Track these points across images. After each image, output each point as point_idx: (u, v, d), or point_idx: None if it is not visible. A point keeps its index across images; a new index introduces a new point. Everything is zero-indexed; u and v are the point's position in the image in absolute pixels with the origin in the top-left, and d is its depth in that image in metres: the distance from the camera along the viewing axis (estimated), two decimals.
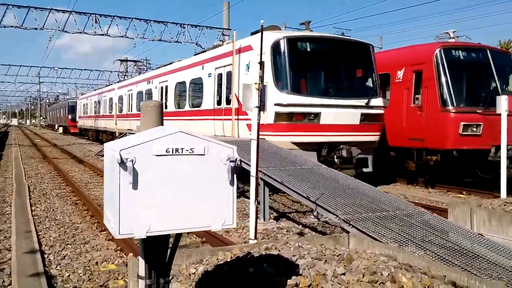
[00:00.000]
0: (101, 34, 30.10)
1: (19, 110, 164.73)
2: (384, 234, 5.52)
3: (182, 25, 31.67)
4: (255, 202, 5.16)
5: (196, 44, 31.28)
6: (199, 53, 17.22)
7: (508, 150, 11.67)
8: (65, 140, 40.55)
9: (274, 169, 8.33)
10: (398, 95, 13.30)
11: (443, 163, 12.25)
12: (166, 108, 18.49)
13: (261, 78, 11.43)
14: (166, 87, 18.50)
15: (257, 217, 5.42)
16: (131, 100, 24.11)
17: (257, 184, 5.47)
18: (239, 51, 12.59)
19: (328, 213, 6.42)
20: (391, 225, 5.90)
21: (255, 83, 11.74)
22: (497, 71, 12.50)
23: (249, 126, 11.96)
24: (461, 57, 12.41)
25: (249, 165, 8.86)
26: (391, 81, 13.60)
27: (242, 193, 10.88)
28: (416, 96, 12.76)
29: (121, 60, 29.87)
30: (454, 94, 11.82)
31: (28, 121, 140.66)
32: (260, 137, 11.61)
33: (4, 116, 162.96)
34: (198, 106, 15.33)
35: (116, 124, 27.36)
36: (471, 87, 12.59)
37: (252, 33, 12.82)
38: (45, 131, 68.57)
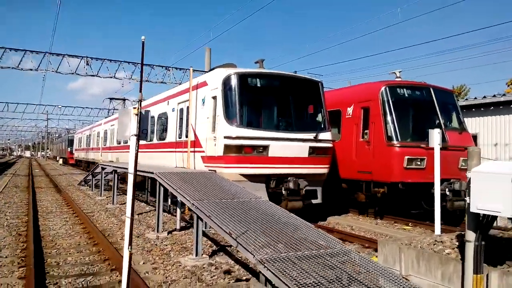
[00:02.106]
0: (92, 75, 29.19)
1: (33, 143, 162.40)
2: (295, 277, 4.35)
3: (168, 67, 30.93)
4: (128, 248, 3.95)
5: (180, 84, 30.49)
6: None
7: (450, 183, 10.71)
8: (60, 170, 38.95)
9: (208, 202, 7.16)
10: (348, 130, 12.36)
11: (389, 195, 11.19)
12: None
13: (214, 111, 10.44)
14: None
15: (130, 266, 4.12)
16: (113, 134, 22.96)
17: (132, 223, 4.24)
18: (197, 87, 11.63)
19: (246, 252, 5.23)
20: (306, 266, 4.73)
21: (207, 117, 10.80)
22: (440, 108, 11.65)
23: (203, 158, 10.90)
24: (406, 95, 11.55)
25: (182, 196, 7.81)
26: (342, 117, 12.68)
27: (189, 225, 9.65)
28: (365, 131, 11.81)
29: (110, 99, 28.92)
30: (399, 129, 10.90)
31: (39, 153, 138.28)
32: (211, 168, 10.61)
33: (20, 148, 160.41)
34: (164, 139, 14.23)
35: (101, 155, 26.06)
36: (415, 123, 11.68)
37: (209, 70, 11.92)
38: (48, 162, 66.67)
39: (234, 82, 9.99)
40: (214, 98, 10.35)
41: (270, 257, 4.94)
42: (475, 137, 15.29)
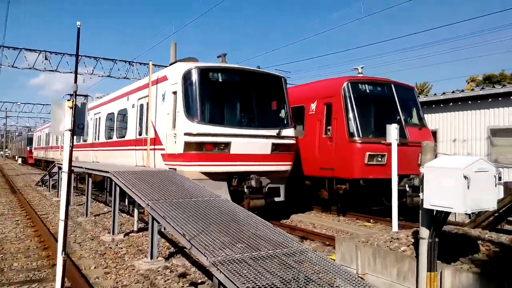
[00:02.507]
0: (51, 70, 27.98)
1: None
2: (249, 279, 4.18)
3: (131, 62, 30.09)
4: (62, 254, 3.64)
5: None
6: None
7: (410, 179, 10.84)
8: (19, 170, 37.22)
9: (165, 202, 6.87)
10: (311, 127, 12.31)
11: (351, 192, 11.23)
12: (98, 139, 16.77)
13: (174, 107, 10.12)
14: (99, 118, 16.80)
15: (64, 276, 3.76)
16: None
17: (66, 227, 3.92)
18: (157, 82, 11.24)
19: (199, 254, 5.00)
20: (262, 267, 4.56)
21: (167, 113, 10.46)
22: (401, 104, 11.78)
23: (164, 156, 10.55)
24: (367, 91, 11.61)
25: (136, 196, 7.48)
26: (305, 113, 12.63)
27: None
28: (328, 127, 11.79)
29: (70, 95, 27.72)
30: (360, 125, 10.93)
31: None
32: (171, 167, 10.29)
33: None
34: (124, 137, 13.74)
35: (61, 154, 25.01)
36: (376, 119, 11.75)
37: (170, 64, 11.57)
38: (7, 162, 63.67)
39: (194, 76, 9.70)
40: (174, 93, 10.03)
41: (224, 258, 4.75)
42: (435, 133, 15.62)
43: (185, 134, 9.36)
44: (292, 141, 10.69)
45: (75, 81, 3.79)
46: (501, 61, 73.72)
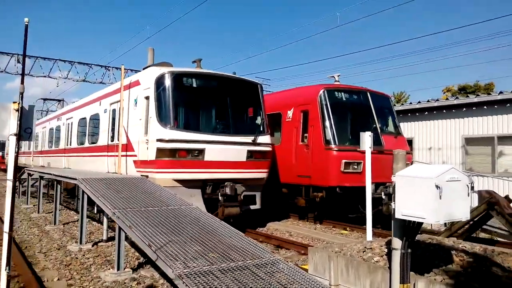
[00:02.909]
0: (25, 74, 27.14)
1: None
2: None
3: (107, 67, 29.53)
4: (6, 269, 3.36)
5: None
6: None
7: (386, 187, 10.82)
8: None
9: (133, 211, 6.60)
10: (288, 134, 12.21)
11: (328, 199, 11.14)
12: (70, 144, 16.27)
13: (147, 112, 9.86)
14: (72, 123, 16.32)
15: None
16: (45, 137, 21.41)
17: (10, 239, 3.63)
18: (129, 86, 10.94)
19: (165, 266, 4.76)
20: (230, 279, 4.36)
21: (140, 119, 10.18)
22: (377, 112, 11.80)
23: (136, 162, 10.23)
24: (344, 98, 11.60)
25: (103, 204, 7.18)
26: (282, 120, 12.52)
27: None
28: (304, 134, 11.71)
29: (44, 99, 27.00)
30: (337, 133, 10.88)
31: None
32: (143, 174, 9.98)
33: None
34: (96, 143, 13.34)
35: (32, 160, 24.22)
36: (352, 126, 11.73)
37: (144, 69, 11.29)
38: None
39: (168, 81, 9.46)
40: (147, 98, 9.76)
41: (190, 271, 4.52)
42: (410, 141, 15.78)
43: (158, 140, 9.10)
44: (268, 148, 10.54)
45: (22, 82, 3.53)
46: (476, 72, 75.79)
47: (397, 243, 4.08)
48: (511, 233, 8.46)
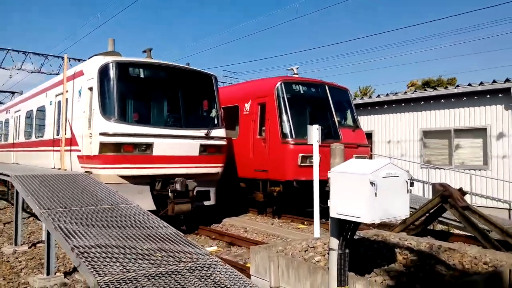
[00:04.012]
0: None
1: None
2: None
3: (63, 57, 28.16)
4: None
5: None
6: None
7: None
8: None
9: (63, 211, 6.06)
10: (246, 127, 11.85)
11: (285, 194, 10.88)
12: (18, 138, 15.31)
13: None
14: (19, 116, 15.34)
15: None
16: None
17: None
18: (74, 77, 10.26)
19: (86, 273, 4.29)
20: (158, 286, 3.95)
21: (83, 111, 9.54)
22: (335, 105, 11.61)
23: (80, 158, 9.59)
24: (301, 91, 11.32)
25: (32, 203, 6.59)
26: (239, 113, 12.14)
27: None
28: (262, 128, 11.38)
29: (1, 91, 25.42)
30: (293, 126, 10.59)
31: None
32: (87, 170, 9.37)
33: None
34: (42, 137, 12.54)
35: None
36: (310, 120, 11.48)
37: (89, 58, 10.60)
38: None
39: (112, 71, 8.86)
40: (91, 89, 9.14)
41: (113, 278, 4.07)
42: (370, 135, 15.75)
43: (101, 134, 8.51)
44: (223, 142, 10.13)
45: None
46: (440, 67, 77.83)
47: (334, 243, 3.78)
48: (465, 226, 8.43)
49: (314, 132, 6.81)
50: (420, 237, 8.96)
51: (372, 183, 3.28)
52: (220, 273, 4.54)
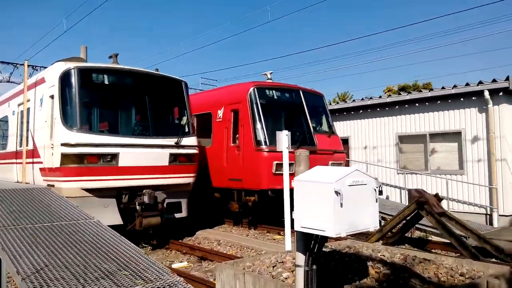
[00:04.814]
0: None
1: None
2: None
3: (34, 67, 27.32)
4: None
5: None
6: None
7: None
8: None
9: (15, 228, 5.59)
10: (219, 135, 11.49)
11: (260, 203, 10.56)
12: None
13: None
14: None
15: None
16: None
17: None
18: (35, 84, 9.76)
19: None
20: None
21: (45, 121, 9.05)
22: (310, 111, 11.38)
23: (42, 170, 9.07)
24: (275, 97, 11.06)
25: None
26: (213, 120, 11.79)
27: None
28: (236, 135, 11.06)
29: None
30: (267, 133, 10.28)
31: None
32: (49, 183, 8.85)
33: None
34: (5, 149, 11.91)
35: None
36: (284, 126, 11.24)
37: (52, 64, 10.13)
38: None
39: (74, 78, 8.41)
40: (52, 97, 8.67)
41: None
42: (346, 140, 15.61)
43: (62, 144, 8.03)
44: (194, 151, 9.76)
45: None
46: (415, 71, 79.24)
47: (300, 258, 3.48)
48: (442, 233, 8.27)
49: (284, 138, 6.52)
50: (397, 245, 8.83)
51: (337, 193, 3.00)
52: None
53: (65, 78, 8.43)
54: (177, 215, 9.65)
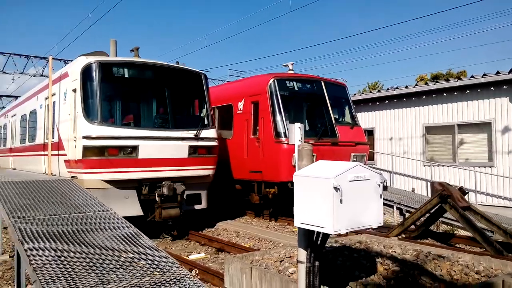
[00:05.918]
0: None
1: None
2: None
3: (66, 61, 28.10)
4: None
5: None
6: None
7: None
8: None
9: (34, 220, 5.76)
10: (240, 127, 11.47)
11: (280, 195, 10.49)
12: (15, 143, 15.16)
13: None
14: (16, 121, 15.20)
15: None
16: None
17: None
18: (60, 79, 10.01)
19: None
20: None
21: (68, 114, 9.27)
22: (332, 102, 11.17)
23: (66, 162, 9.33)
24: (296, 88, 10.90)
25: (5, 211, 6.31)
26: (233, 112, 11.77)
27: None
28: (256, 127, 10.99)
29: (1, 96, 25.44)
30: (287, 125, 10.18)
31: None
32: (73, 174, 9.09)
33: None
34: (34, 141, 12.33)
35: None
36: (305, 117, 11.08)
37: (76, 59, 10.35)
38: None
39: (95, 72, 8.56)
40: (74, 91, 8.87)
41: None
42: (371, 132, 15.25)
43: (84, 137, 8.22)
44: (214, 143, 9.77)
45: None
46: (450, 60, 76.31)
47: (302, 255, 3.40)
48: (465, 227, 7.94)
49: (296, 131, 6.39)
50: (420, 239, 8.56)
51: (336, 188, 2.89)
52: (187, 287, 4.18)
53: (86, 72, 8.58)
54: (197, 207, 9.72)
